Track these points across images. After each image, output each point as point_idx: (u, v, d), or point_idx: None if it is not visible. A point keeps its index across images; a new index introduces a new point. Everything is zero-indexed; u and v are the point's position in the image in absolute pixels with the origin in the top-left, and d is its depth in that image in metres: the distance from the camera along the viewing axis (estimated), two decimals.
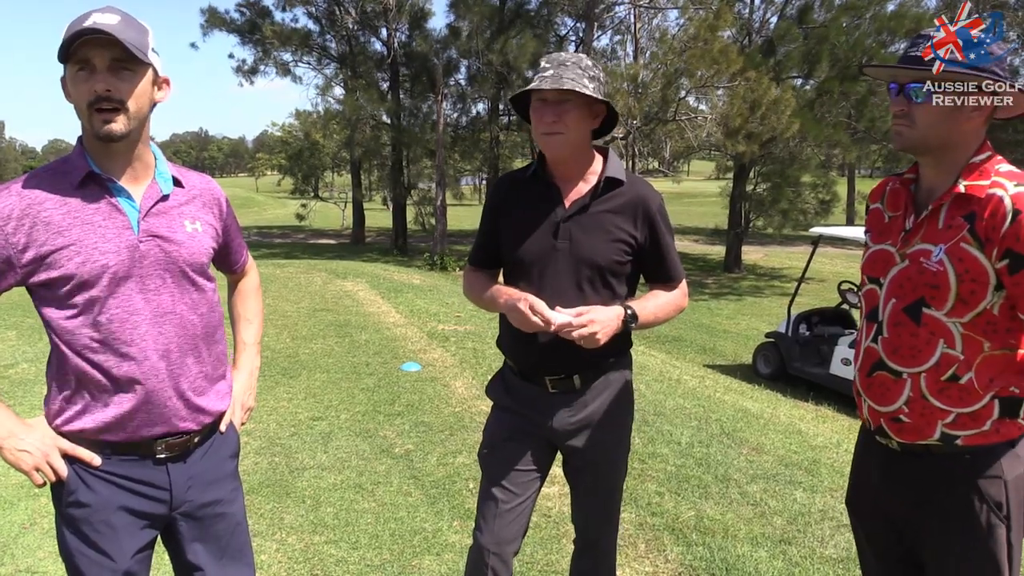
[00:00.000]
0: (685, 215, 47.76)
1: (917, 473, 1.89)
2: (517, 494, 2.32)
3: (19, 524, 3.91)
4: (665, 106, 22.26)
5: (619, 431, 2.41)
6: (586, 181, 2.27)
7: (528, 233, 2.25)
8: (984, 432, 1.81)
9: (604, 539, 2.47)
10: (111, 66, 1.66)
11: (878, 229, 2.02)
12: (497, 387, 2.47)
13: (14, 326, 8.83)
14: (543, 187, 2.27)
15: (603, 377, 2.33)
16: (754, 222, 27.90)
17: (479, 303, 2.40)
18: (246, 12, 29.12)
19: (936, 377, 1.81)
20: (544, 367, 2.29)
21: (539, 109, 2.16)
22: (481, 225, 2.43)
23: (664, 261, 2.32)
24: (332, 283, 13.25)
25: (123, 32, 1.65)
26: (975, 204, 1.75)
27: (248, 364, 2.18)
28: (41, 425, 1.81)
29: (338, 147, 35.21)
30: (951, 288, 1.76)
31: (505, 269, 2.38)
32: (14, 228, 1.67)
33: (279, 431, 5.34)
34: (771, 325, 15.04)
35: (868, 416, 1.97)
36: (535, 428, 2.34)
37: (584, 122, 2.17)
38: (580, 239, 2.21)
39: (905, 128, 1.80)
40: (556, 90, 2.10)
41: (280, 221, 46.82)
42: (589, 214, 2.22)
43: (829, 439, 5.88)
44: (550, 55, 2.22)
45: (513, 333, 2.26)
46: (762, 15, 26.90)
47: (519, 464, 2.33)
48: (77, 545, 1.83)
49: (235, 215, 2.13)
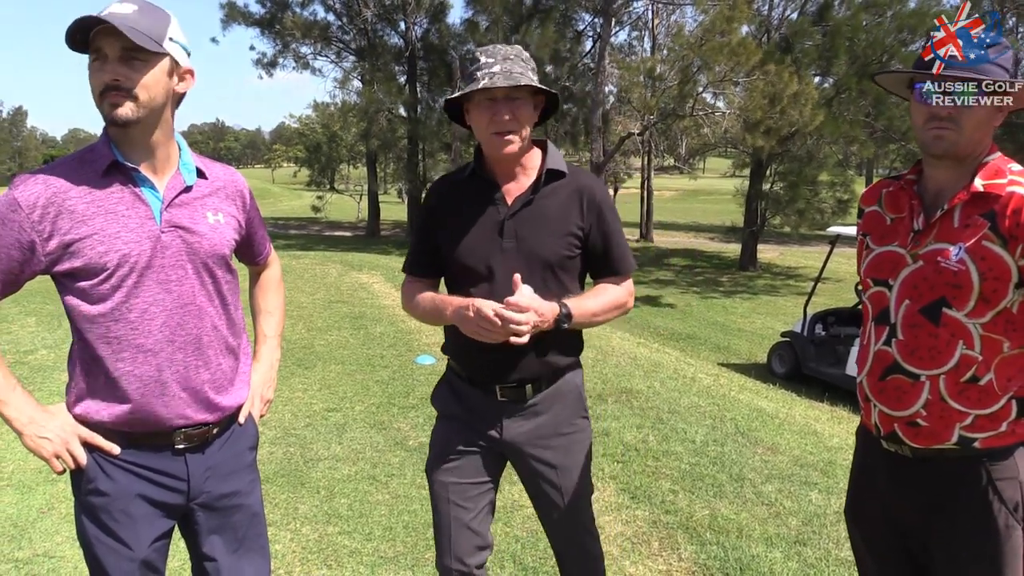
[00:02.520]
0: (701, 212, 47.57)
1: (930, 477, 1.87)
2: (470, 508, 2.21)
3: (37, 509, 3.95)
4: (682, 101, 22.14)
5: (576, 439, 2.27)
6: (527, 176, 2.17)
7: (471, 235, 2.13)
8: (1001, 433, 1.79)
9: (574, 553, 2.37)
10: (122, 55, 1.66)
11: (879, 232, 1.99)
12: (443, 395, 2.33)
13: (34, 312, 8.91)
14: (482, 186, 2.16)
15: (554, 386, 2.22)
16: (770, 220, 27.72)
17: (421, 316, 2.24)
18: (267, 5, 29.23)
19: (956, 379, 1.79)
20: (495, 375, 2.17)
21: (488, 107, 2.04)
22: (416, 232, 2.30)
23: (611, 252, 2.19)
24: (347, 275, 13.29)
25: (134, 21, 1.65)
26: (994, 202, 1.74)
27: (268, 356, 2.19)
28: (61, 412, 1.83)
29: (355, 139, 35.26)
30: (974, 286, 1.74)
31: (448, 276, 2.25)
32: (40, 216, 1.68)
33: (294, 421, 5.37)
34: (786, 324, 14.96)
35: (878, 421, 1.93)
36: (483, 438, 2.23)
37: (532, 116, 2.09)
38: (527, 236, 2.11)
39: (950, 132, 1.75)
40: (505, 87, 2.00)
41: (296, 213, 47.00)
42: (533, 209, 2.12)
43: (845, 440, 5.84)
44: (486, 47, 2.09)
45: (461, 340, 2.11)
46: (781, 12, 26.70)
47: (468, 477, 2.22)
48: (95, 532, 1.84)
49: (258, 207, 2.13)
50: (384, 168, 39.69)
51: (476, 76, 2.02)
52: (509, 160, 2.13)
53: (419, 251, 2.29)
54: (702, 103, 23.65)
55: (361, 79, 29.39)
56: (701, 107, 23.45)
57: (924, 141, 1.81)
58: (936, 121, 1.76)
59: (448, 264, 2.21)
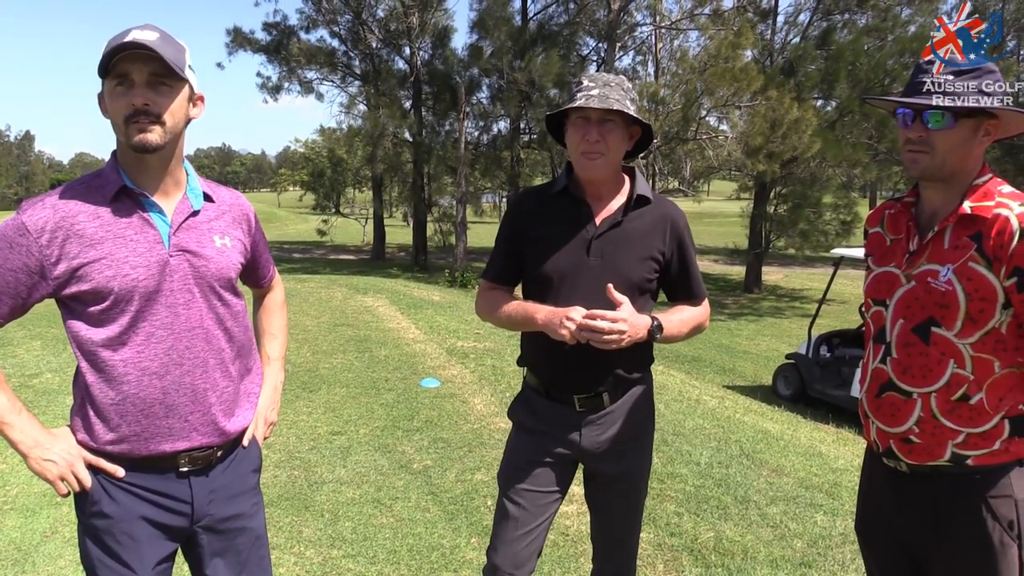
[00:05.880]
0: (706, 235, 47.54)
1: (928, 495, 1.90)
2: (535, 515, 2.31)
3: (41, 532, 3.95)
4: (686, 125, 22.26)
5: (645, 447, 2.41)
6: (615, 199, 2.28)
7: (559, 249, 2.24)
8: (994, 452, 1.81)
9: (626, 556, 2.46)
10: (149, 80, 1.70)
11: (880, 252, 2.05)
12: (520, 408, 2.43)
13: (39, 336, 8.94)
14: (572, 204, 2.27)
15: (629, 393, 2.32)
16: (774, 242, 27.73)
17: (501, 321, 2.34)
18: (273, 32, 29.55)
19: (947, 397, 1.83)
20: (573, 385, 2.28)
21: (581, 127, 2.16)
22: (501, 241, 2.39)
23: (689, 278, 2.33)
24: (352, 298, 13.32)
25: (161, 48, 1.68)
26: (981, 224, 1.78)
27: (272, 378, 2.20)
28: (66, 435, 1.84)
29: (360, 163, 35.50)
30: (960, 306, 1.78)
31: (528, 286, 2.35)
32: (48, 240, 1.71)
33: (299, 445, 5.37)
34: (791, 346, 14.91)
35: (876, 438, 1.98)
36: (561, 448, 2.32)
37: (623, 143, 2.19)
38: (612, 256, 2.22)
39: (923, 155, 1.81)
40: (603, 110, 2.11)
41: (301, 236, 47.16)
42: (620, 231, 2.23)
43: (850, 462, 5.82)
44: (592, 74, 2.23)
45: (540, 351, 2.27)
46: (784, 36, 26.90)
47: (540, 485, 2.32)
48: (99, 555, 1.85)
49: (263, 231, 2.16)
50: (389, 192, 39.86)
51: (576, 97, 2.14)
52: (595, 181, 2.24)
53: (504, 260, 2.38)
54: (706, 127, 23.75)
55: (366, 103, 29.62)
56: (705, 131, 23.55)
57: (903, 163, 1.88)
58: (910, 144, 1.82)
59: (532, 275, 2.31)
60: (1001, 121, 1.81)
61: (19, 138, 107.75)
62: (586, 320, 2.04)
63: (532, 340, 2.30)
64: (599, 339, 2.04)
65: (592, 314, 2.04)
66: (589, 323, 2.03)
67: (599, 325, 2.02)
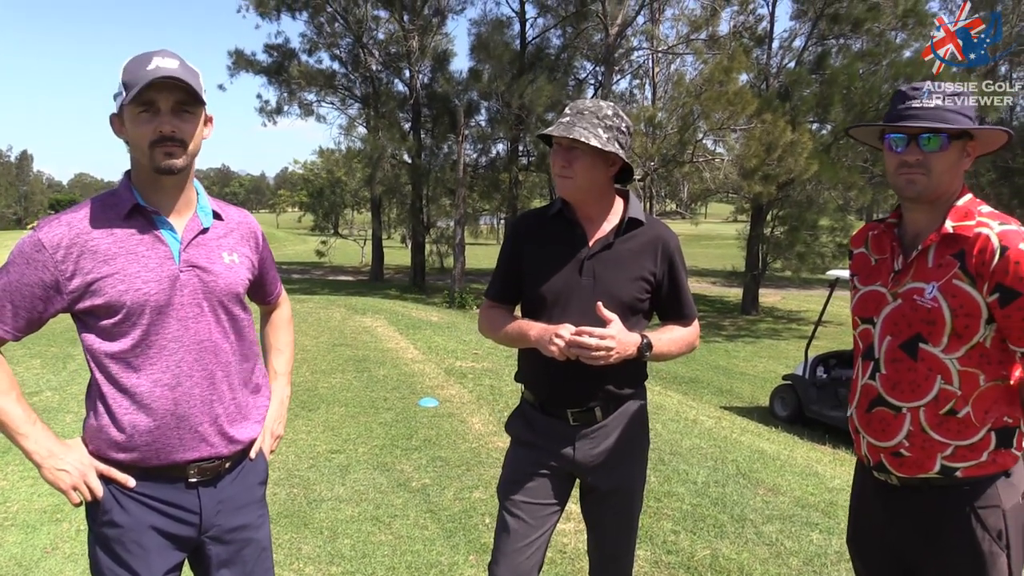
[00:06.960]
0: (703, 257, 47.73)
1: (918, 507, 1.95)
2: (534, 527, 2.35)
3: (41, 548, 3.97)
4: (682, 148, 22.46)
5: (638, 462, 2.47)
6: (608, 221, 2.36)
7: (553, 269, 2.32)
8: (982, 463, 1.87)
9: (622, 572, 2.51)
10: (174, 108, 1.78)
11: (865, 272, 2.14)
12: (517, 423, 2.50)
13: (39, 355, 8.96)
14: (566, 225, 2.35)
15: (622, 408, 2.38)
16: (771, 265, 27.87)
17: (499, 338, 2.43)
18: (274, 54, 29.83)
19: (935, 411, 1.89)
20: (566, 399, 2.34)
21: (555, 152, 2.28)
22: (501, 261, 2.48)
23: (680, 299, 2.41)
24: (351, 319, 13.34)
25: (184, 75, 1.76)
26: (963, 243, 1.86)
27: (279, 393, 2.25)
28: (78, 446, 1.89)
29: (359, 185, 35.69)
30: (946, 323, 1.85)
31: (525, 304, 2.43)
32: (63, 256, 1.77)
33: (298, 463, 5.39)
34: (788, 367, 14.95)
35: (867, 452, 2.04)
36: (556, 461, 2.38)
37: (594, 169, 2.26)
38: (604, 276, 2.29)
39: (921, 176, 1.89)
40: (565, 137, 2.20)
41: (300, 257, 47.24)
42: (612, 252, 2.31)
43: (846, 482, 5.84)
44: (575, 102, 2.32)
45: (535, 367, 2.34)
46: (779, 60, 27.20)
47: (538, 497, 2.37)
48: (109, 564, 1.89)
49: (270, 249, 2.22)
50: (388, 213, 40.04)
51: (554, 124, 2.26)
52: (578, 203, 2.33)
53: (504, 279, 2.47)
54: (702, 149, 23.97)
55: (366, 126, 29.84)
56: (701, 153, 23.76)
57: (897, 186, 1.94)
58: (906, 167, 1.89)
59: (528, 294, 2.40)
60: (978, 141, 1.91)
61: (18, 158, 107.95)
62: (574, 337, 2.12)
63: (528, 356, 2.39)
64: (587, 355, 2.12)
65: (580, 331, 2.12)
66: (577, 339, 2.11)
67: (587, 342, 2.10)
